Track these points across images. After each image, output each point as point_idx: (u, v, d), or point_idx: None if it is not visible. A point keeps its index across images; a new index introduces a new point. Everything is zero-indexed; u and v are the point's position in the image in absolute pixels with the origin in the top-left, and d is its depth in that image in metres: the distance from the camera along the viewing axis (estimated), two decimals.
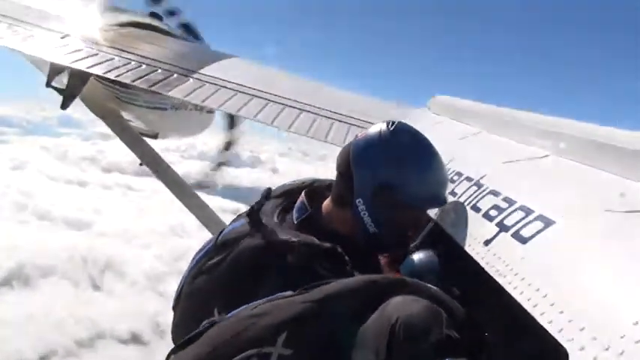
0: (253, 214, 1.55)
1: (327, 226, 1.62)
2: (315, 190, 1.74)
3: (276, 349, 1.15)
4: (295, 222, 1.62)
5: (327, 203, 1.69)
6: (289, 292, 1.27)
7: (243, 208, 1.71)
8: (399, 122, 1.67)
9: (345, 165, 1.64)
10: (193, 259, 1.65)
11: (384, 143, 1.62)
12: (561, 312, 1.03)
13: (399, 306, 1.18)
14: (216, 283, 1.49)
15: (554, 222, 1.29)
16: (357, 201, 1.60)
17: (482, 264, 1.40)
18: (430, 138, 1.69)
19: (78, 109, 4.86)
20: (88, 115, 4.99)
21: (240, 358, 1.16)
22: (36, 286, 21.16)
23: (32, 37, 3.66)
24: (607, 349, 0.88)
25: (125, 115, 4.96)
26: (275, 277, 1.37)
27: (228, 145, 6.78)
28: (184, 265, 1.65)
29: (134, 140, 5.16)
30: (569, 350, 0.94)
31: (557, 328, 1.00)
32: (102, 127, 5.23)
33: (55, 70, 4.03)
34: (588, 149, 1.61)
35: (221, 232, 1.63)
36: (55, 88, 4.19)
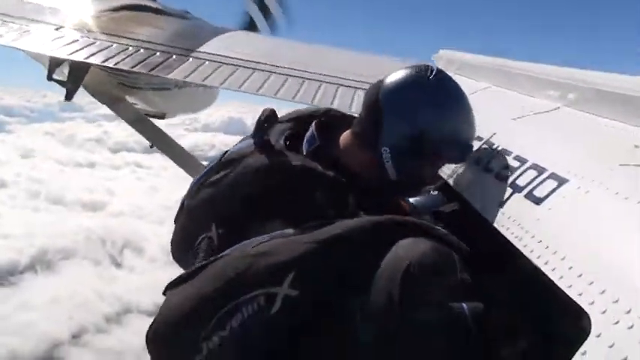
0: (259, 134, 1.48)
1: (339, 160, 1.53)
2: (329, 119, 1.65)
3: (282, 289, 1.13)
4: (304, 153, 1.53)
5: (347, 137, 1.59)
6: (291, 231, 1.23)
7: None
8: (438, 68, 1.57)
9: (374, 107, 1.54)
10: (197, 175, 1.60)
11: (424, 90, 1.52)
12: (580, 275, 1.02)
13: (409, 249, 1.16)
14: (216, 198, 1.44)
15: (567, 180, 1.28)
16: (384, 149, 1.51)
17: (499, 227, 1.39)
18: None
19: (79, 92, 4.86)
20: (90, 97, 4.97)
21: (246, 299, 1.13)
22: (59, 269, 21.57)
23: (28, 33, 3.62)
24: (628, 312, 0.88)
25: (130, 99, 4.94)
26: (273, 200, 1.33)
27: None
28: None
29: (142, 124, 5.17)
30: (590, 314, 0.93)
31: (577, 291, 1.00)
32: (105, 108, 5.24)
33: (55, 63, 4.01)
34: (599, 99, 1.58)
35: (227, 150, 1.58)
36: (57, 81, 4.19)
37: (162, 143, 5.18)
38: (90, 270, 22.01)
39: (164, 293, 1.31)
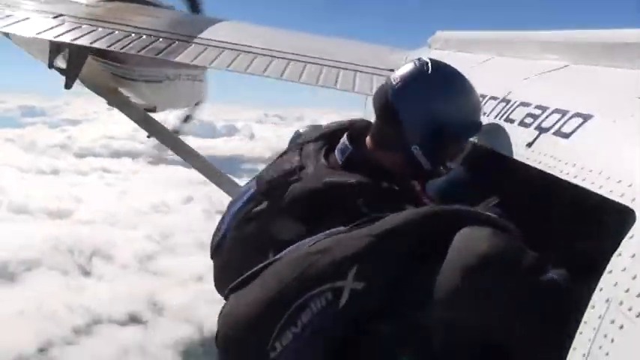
0: (299, 157, 1.56)
1: (372, 163, 1.62)
2: (356, 130, 1.74)
3: (348, 283, 1.18)
4: (340, 163, 1.62)
5: (370, 142, 1.70)
6: (343, 228, 1.30)
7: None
8: (432, 60, 1.71)
9: (387, 110, 1.66)
10: (230, 208, 1.66)
11: (429, 83, 1.65)
12: (619, 181, 1.16)
13: (473, 242, 1.21)
14: (271, 228, 1.49)
15: (592, 116, 1.41)
16: (413, 148, 1.63)
17: (529, 163, 1.51)
18: None
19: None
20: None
21: (312, 295, 1.18)
22: (23, 280, 20.94)
23: (28, 20, 3.67)
24: None
25: (123, 91, 5.01)
26: (333, 218, 1.37)
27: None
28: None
29: (139, 114, 5.27)
30: (634, 208, 1.07)
31: (619, 194, 1.13)
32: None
33: (55, 50, 4.06)
34: (605, 52, 1.72)
35: (258, 179, 1.64)
36: (58, 69, 4.25)
37: (159, 134, 5.29)
38: (57, 280, 21.45)
39: (226, 297, 1.36)
